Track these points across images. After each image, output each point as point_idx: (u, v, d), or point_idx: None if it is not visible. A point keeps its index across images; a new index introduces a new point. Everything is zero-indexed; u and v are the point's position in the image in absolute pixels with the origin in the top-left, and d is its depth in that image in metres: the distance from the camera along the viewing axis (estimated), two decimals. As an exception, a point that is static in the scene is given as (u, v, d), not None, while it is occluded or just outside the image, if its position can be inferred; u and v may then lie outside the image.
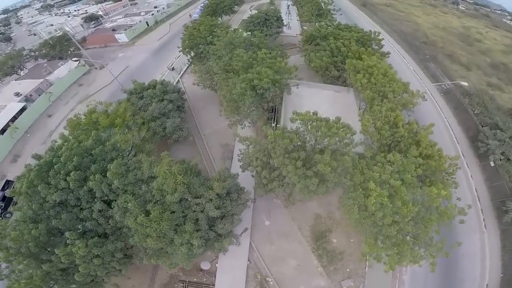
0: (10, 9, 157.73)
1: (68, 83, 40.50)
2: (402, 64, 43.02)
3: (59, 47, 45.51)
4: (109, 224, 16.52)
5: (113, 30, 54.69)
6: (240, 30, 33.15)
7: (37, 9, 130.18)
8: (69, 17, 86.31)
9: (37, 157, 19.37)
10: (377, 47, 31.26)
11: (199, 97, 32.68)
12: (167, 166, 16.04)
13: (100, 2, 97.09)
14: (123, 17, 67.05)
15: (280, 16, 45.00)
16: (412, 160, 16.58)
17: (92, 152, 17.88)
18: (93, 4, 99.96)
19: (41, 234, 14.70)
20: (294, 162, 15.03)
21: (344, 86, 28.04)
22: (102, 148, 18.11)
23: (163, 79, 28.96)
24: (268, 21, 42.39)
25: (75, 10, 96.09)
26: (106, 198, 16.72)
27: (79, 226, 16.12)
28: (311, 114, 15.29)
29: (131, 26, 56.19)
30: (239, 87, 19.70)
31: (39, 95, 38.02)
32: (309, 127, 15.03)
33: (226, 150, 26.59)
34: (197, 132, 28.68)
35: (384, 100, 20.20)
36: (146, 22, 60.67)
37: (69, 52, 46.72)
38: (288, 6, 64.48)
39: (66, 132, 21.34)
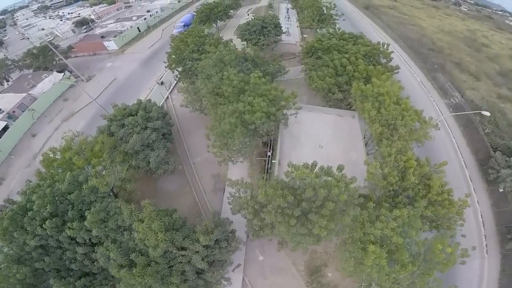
0: (9, 10, 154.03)
1: (52, 98, 38.29)
2: (411, 77, 40.61)
3: (43, 58, 42.71)
4: (95, 266, 15.94)
5: (102, 37, 51.81)
6: (232, 42, 30.07)
7: (33, 10, 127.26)
8: (61, 20, 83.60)
9: (10, 201, 18.41)
10: (385, 60, 28.38)
11: (190, 118, 30.30)
12: (147, 221, 14.27)
13: (95, 5, 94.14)
14: (114, 22, 63.96)
15: (279, 23, 41.56)
16: (419, 210, 14.89)
17: (68, 197, 16.82)
18: (87, 7, 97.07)
19: (27, 276, 14.71)
20: (288, 219, 13.22)
21: (349, 108, 25.66)
22: (78, 193, 16.97)
23: (148, 99, 26.52)
24: (266, 29, 39.31)
25: (68, 13, 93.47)
26: (88, 241, 16.08)
27: (66, 262, 15.92)
28: (309, 169, 13.20)
29: (121, 33, 53.25)
30: (228, 123, 17.45)
31: (23, 111, 35.93)
32: (306, 182, 13.02)
33: (217, 181, 24.69)
34: (187, 160, 26.66)
35: (394, 135, 18.02)
36: (138, 28, 57.67)
37: (54, 62, 44.10)
38: (288, 10, 60.50)
39: (43, 169, 19.76)
